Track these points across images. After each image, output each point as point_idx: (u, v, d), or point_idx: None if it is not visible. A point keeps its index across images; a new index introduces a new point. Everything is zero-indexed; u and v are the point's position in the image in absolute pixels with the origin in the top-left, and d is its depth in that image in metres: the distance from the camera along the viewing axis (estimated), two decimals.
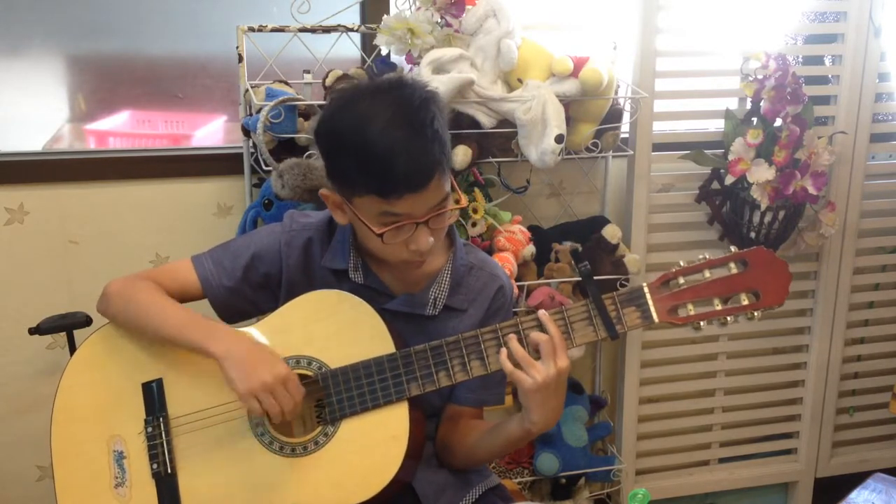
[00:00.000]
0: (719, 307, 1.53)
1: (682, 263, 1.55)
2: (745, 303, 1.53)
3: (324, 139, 1.53)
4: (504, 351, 1.50)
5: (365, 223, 1.51)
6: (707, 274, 1.53)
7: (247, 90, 2.20)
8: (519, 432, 1.57)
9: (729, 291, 1.53)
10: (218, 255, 1.68)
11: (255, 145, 2.21)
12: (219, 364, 1.52)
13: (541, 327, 1.52)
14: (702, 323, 1.53)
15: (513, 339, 1.50)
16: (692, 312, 1.53)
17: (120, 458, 1.61)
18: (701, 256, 1.55)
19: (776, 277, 1.53)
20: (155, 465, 1.59)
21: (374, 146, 1.44)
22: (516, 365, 1.49)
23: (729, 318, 1.53)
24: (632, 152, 2.49)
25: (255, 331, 1.63)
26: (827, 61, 2.70)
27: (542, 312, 1.52)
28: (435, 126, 1.47)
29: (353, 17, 2.37)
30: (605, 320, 1.53)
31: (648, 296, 1.53)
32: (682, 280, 1.53)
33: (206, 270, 1.67)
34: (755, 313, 1.53)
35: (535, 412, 1.52)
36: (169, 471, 1.59)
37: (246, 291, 1.66)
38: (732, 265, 1.53)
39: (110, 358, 1.65)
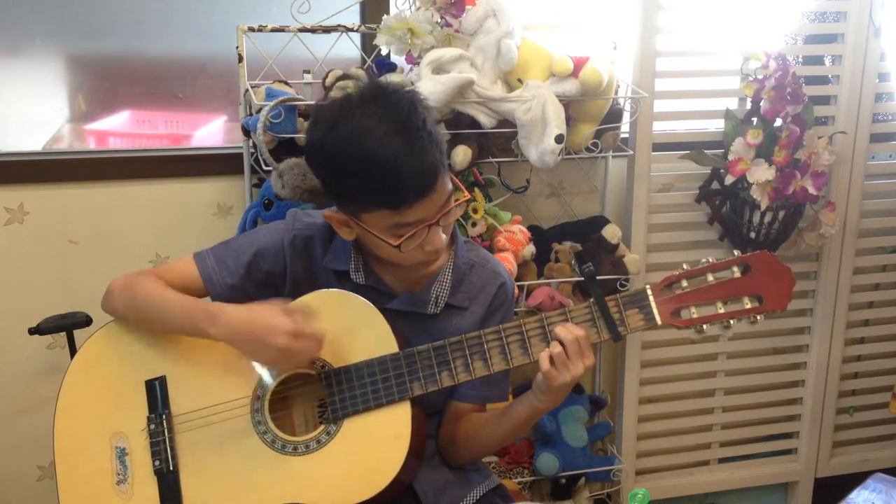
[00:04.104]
0: (722, 311, 1.53)
1: (685, 266, 1.55)
2: (748, 306, 1.53)
3: (320, 163, 1.53)
4: (547, 351, 1.52)
5: (378, 237, 1.52)
6: (710, 277, 1.54)
7: (247, 90, 2.20)
8: (527, 411, 1.61)
9: (732, 295, 1.54)
10: (220, 253, 1.68)
11: (255, 145, 2.21)
12: (231, 342, 1.53)
13: (545, 331, 1.53)
14: (704, 326, 1.53)
15: (556, 345, 1.52)
16: (695, 315, 1.54)
17: (122, 454, 1.61)
18: (704, 260, 1.55)
19: (779, 282, 1.53)
20: (157, 462, 1.60)
21: (376, 161, 1.44)
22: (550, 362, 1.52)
23: (731, 322, 1.53)
24: (632, 152, 2.49)
25: None
26: (827, 61, 2.70)
27: (559, 329, 1.53)
28: (428, 127, 1.47)
29: (353, 17, 2.37)
30: (608, 322, 1.54)
31: (651, 298, 1.54)
32: (685, 283, 1.54)
33: (209, 268, 1.67)
34: (757, 317, 1.54)
35: (548, 396, 1.56)
36: (171, 468, 1.59)
37: (249, 289, 1.66)
38: (735, 269, 1.54)
39: (113, 355, 1.65)
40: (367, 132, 1.44)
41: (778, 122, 2.43)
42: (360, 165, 1.45)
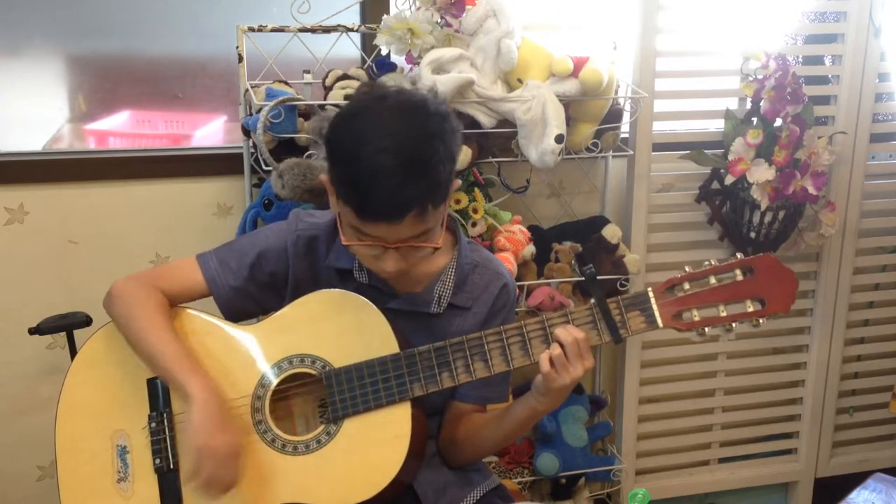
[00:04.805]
0: (724, 313, 1.53)
1: (687, 269, 1.55)
2: (751, 310, 1.53)
3: (328, 137, 1.53)
4: (546, 353, 1.52)
5: (341, 226, 1.53)
6: (713, 280, 1.53)
7: (247, 90, 2.20)
8: (527, 412, 1.61)
9: (734, 298, 1.53)
10: (223, 255, 1.68)
11: (255, 145, 2.21)
12: (190, 406, 1.53)
13: (546, 332, 1.53)
14: (707, 329, 1.53)
15: (556, 347, 1.52)
16: (697, 318, 1.53)
17: (123, 452, 1.61)
18: (707, 262, 1.55)
19: (782, 285, 1.53)
20: (158, 461, 1.60)
21: (359, 167, 1.43)
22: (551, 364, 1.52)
23: (734, 325, 1.53)
24: (632, 152, 2.49)
25: (260, 330, 1.64)
26: (827, 61, 2.70)
27: (559, 331, 1.52)
28: (431, 164, 1.44)
29: (353, 17, 2.37)
30: (609, 324, 1.54)
31: (653, 300, 1.54)
32: (687, 285, 1.53)
33: (212, 270, 1.67)
34: (760, 320, 1.53)
35: (547, 397, 1.56)
36: (171, 466, 1.59)
37: (252, 291, 1.67)
38: (738, 272, 1.53)
39: (116, 354, 1.66)
40: (370, 139, 1.44)
41: (778, 122, 2.43)
42: (348, 163, 1.45)
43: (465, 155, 2.15)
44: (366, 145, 1.43)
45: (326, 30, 2.27)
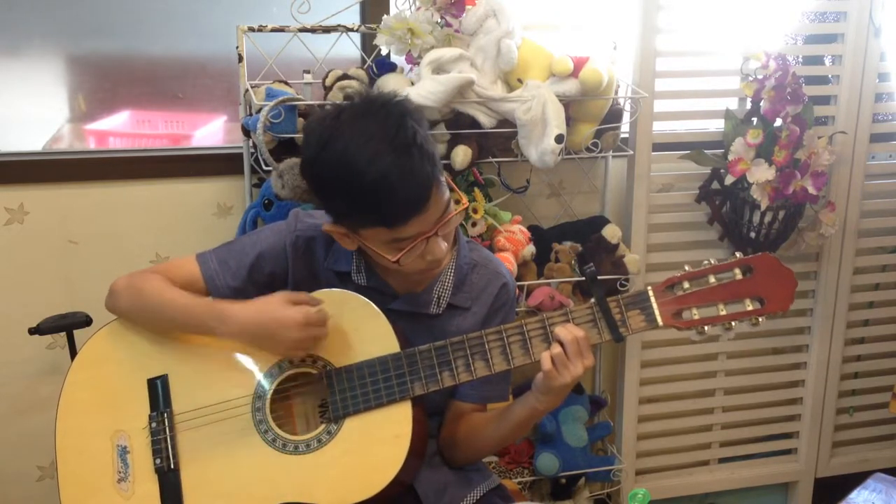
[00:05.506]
0: (724, 312, 1.53)
1: (686, 268, 1.55)
2: (750, 308, 1.53)
3: (313, 182, 1.54)
4: (547, 352, 1.52)
5: (377, 252, 1.52)
6: (712, 279, 1.54)
7: (247, 90, 2.20)
8: (527, 411, 1.61)
9: (734, 297, 1.54)
10: (223, 255, 1.68)
11: (255, 145, 2.21)
12: (238, 319, 1.55)
13: (546, 331, 1.53)
14: (706, 328, 1.53)
15: (556, 345, 1.53)
16: (696, 317, 1.53)
17: (123, 452, 1.62)
18: (706, 261, 1.55)
19: (781, 285, 1.53)
20: (158, 461, 1.60)
21: (366, 183, 1.43)
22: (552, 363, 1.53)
23: (733, 324, 1.53)
24: (632, 152, 2.49)
25: None
26: (827, 61, 2.70)
27: (559, 330, 1.53)
28: (418, 142, 1.46)
29: (353, 17, 2.37)
30: (609, 323, 1.54)
31: (653, 299, 1.54)
32: (686, 284, 1.54)
33: (211, 269, 1.67)
34: (759, 319, 1.53)
35: (548, 396, 1.56)
36: (172, 466, 1.60)
37: (251, 291, 1.66)
38: (738, 271, 1.53)
39: (116, 354, 1.66)
40: (356, 153, 1.44)
41: (778, 122, 2.43)
42: (351, 187, 1.45)
43: (465, 155, 2.15)
44: (356, 162, 1.44)
45: (326, 30, 2.27)
